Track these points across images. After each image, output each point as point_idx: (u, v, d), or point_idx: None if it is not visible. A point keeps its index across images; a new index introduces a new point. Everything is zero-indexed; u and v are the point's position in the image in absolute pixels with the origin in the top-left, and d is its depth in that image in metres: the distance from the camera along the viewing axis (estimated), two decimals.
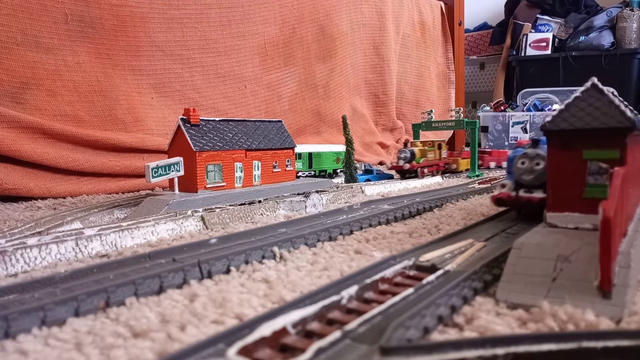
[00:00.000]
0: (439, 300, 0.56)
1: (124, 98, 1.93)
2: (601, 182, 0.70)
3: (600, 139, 0.69)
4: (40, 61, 1.73)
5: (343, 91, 2.92)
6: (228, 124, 1.38)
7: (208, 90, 2.21)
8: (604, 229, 0.55)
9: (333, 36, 2.81)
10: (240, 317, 0.59)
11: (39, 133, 1.68)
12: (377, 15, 3.13)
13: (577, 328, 0.53)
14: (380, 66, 3.19)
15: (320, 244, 0.95)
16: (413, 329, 0.50)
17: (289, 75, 2.59)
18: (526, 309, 0.59)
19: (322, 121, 2.77)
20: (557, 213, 0.74)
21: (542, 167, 0.93)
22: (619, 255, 0.61)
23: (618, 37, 3.57)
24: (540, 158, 0.92)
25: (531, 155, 0.93)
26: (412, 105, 3.47)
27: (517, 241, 0.67)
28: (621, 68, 3.46)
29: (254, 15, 2.38)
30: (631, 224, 0.76)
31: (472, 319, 0.57)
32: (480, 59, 4.46)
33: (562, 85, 3.57)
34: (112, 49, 1.91)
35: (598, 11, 3.79)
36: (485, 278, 0.66)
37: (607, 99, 0.70)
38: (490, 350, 0.43)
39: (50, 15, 1.74)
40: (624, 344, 0.43)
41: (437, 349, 0.43)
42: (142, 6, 1.97)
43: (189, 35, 2.13)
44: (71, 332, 0.57)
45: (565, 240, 0.65)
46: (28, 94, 1.71)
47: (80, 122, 1.82)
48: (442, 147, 2.34)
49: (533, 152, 0.93)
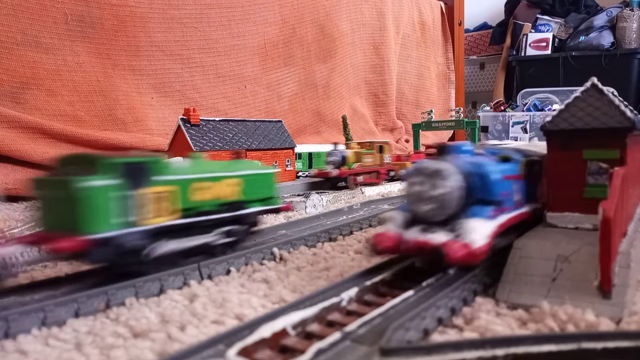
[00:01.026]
0: (439, 302, 0.56)
1: (124, 98, 1.93)
2: (601, 182, 0.70)
3: (600, 139, 0.69)
4: (40, 61, 1.73)
5: (343, 91, 2.92)
6: (228, 124, 1.39)
7: (208, 90, 2.21)
8: (604, 229, 0.55)
9: (333, 36, 2.81)
10: (240, 317, 0.59)
11: (39, 133, 1.69)
12: (377, 15, 3.13)
13: (577, 328, 0.53)
14: (380, 66, 3.18)
15: (320, 244, 0.95)
16: (413, 331, 0.50)
17: (289, 75, 2.58)
18: (526, 309, 0.59)
19: (322, 121, 2.77)
20: (557, 213, 0.74)
21: (446, 191, 0.63)
22: (619, 255, 0.61)
23: (618, 37, 3.56)
24: (440, 177, 0.63)
25: (428, 171, 0.64)
26: (412, 105, 3.47)
27: (518, 241, 0.67)
28: (621, 68, 3.46)
29: (254, 15, 2.38)
30: (631, 224, 0.76)
31: (472, 319, 0.57)
32: (480, 59, 4.46)
33: (562, 85, 3.57)
34: (112, 49, 1.91)
35: (598, 11, 3.78)
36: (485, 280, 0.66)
37: (607, 99, 0.70)
38: (490, 351, 0.43)
39: (50, 15, 1.74)
40: (624, 345, 0.43)
41: (436, 350, 0.43)
42: (142, 6, 1.97)
43: (189, 35, 2.13)
44: (71, 332, 0.57)
45: (565, 240, 0.65)
46: (28, 94, 1.71)
47: (80, 122, 1.82)
48: (384, 150, 1.92)
49: (431, 167, 0.64)
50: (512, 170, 0.73)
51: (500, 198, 0.67)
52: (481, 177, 0.65)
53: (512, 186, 0.72)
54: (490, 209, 0.64)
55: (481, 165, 0.67)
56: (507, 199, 0.69)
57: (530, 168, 0.78)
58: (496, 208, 0.66)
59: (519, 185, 0.75)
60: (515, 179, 0.73)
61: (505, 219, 0.67)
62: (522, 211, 0.74)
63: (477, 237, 0.59)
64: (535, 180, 0.80)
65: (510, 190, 0.70)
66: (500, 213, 0.67)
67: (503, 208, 0.68)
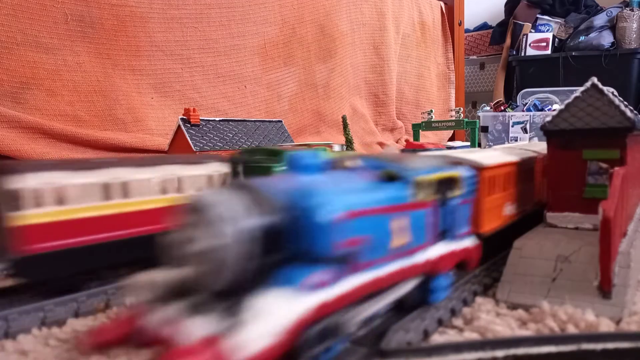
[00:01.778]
0: (438, 304, 0.56)
1: (124, 98, 1.93)
2: (601, 182, 0.70)
3: (600, 139, 0.69)
4: (40, 61, 1.73)
5: (343, 91, 2.92)
6: (228, 124, 1.39)
7: (208, 90, 2.21)
8: (604, 229, 0.55)
9: (333, 36, 2.81)
10: None
11: (39, 133, 1.68)
12: (377, 15, 3.13)
13: (577, 328, 0.53)
14: (380, 66, 3.18)
15: None
16: (413, 332, 0.50)
17: (289, 75, 2.58)
18: (526, 309, 0.59)
19: (322, 121, 2.77)
20: (557, 213, 0.74)
21: (215, 244, 0.38)
22: (619, 255, 0.61)
23: (618, 37, 3.56)
24: (206, 220, 0.38)
25: (199, 206, 0.39)
26: (412, 105, 3.47)
27: (518, 241, 0.67)
28: (621, 68, 3.46)
29: (254, 15, 2.38)
30: (631, 224, 0.76)
31: (472, 320, 0.57)
32: (480, 59, 4.46)
33: (562, 85, 3.57)
34: (112, 49, 1.91)
35: (598, 11, 3.78)
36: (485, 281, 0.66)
37: (607, 99, 0.70)
38: (490, 353, 0.43)
39: (50, 15, 1.74)
40: (624, 346, 0.43)
41: (436, 351, 0.43)
42: (142, 6, 1.97)
43: (189, 35, 2.12)
44: (71, 332, 0.57)
45: (565, 240, 0.65)
46: (28, 94, 1.71)
47: (80, 122, 1.82)
48: None
49: (200, 202, 0.39)
50: (384, 200, 0.47)
51: (340, 251, 0.41)
52: (298, 217, 0.39)
53: (380, 226, 0.46)
54: (317, 270, 0.40)
55: (305, 194, 0.40)
56: (358, 250, 0.43)
57: (446, 188, 0.55)
58: (335, 268, 0.41)
59: (413, 219, 0.50)
60: (393, 213, 0.47)
61: (350, 287, 0.42)
62: (417, 261, 0.50)
63: (253, 335, 0.34)
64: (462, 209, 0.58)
65: (370, 234, 0.45)
66: (342, 276, 0.42)
67: (355, 265, 0.43)
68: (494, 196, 0.72)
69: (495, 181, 0.73)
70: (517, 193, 0.82)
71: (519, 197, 0.83)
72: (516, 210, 0.82)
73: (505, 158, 0.77)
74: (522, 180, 0.83)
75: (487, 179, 0.70)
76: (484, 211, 0.68)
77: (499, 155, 0.79)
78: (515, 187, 0.81)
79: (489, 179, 0.70)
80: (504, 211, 0.78)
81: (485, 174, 0.69)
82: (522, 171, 0.84)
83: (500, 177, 0.74)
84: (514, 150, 0.91)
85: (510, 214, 0.80)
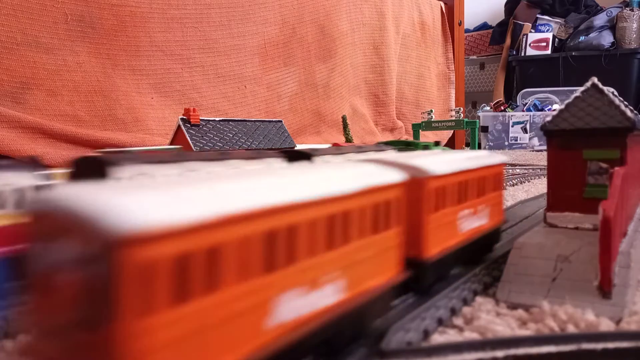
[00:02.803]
0: (438, 303, 0.56)
1: (124, 98, 1.93)
2: (601, 182, 0.70)
3: (600, 139, 0.69)
4: (40, 61, 1.73)
5: (343, 91, 2.92)
6: (228, 124, 1.39)
7: (208, 90, 2.21)
8: (604, 229, 0.55)
9: (333, 36, 2.81)
10: None
11: (39, 133, 1.68)
12: (377, 15, 3.13)
13: (577, 328, 0.53)
14: (380, 66, 3.18)
15: None
16: (413, 332, 0.50)
17: (289, 75, 2.58)
18: (526, 309, 0.59)
19: (322, 121, 2.77)
20: (557, 213, 0.74)
21: None
22: (619, 255, 0.61)
23: (618, 37, 3.56)
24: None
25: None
26: (412, 105, 3.47)
27: (518, 241, 0.67)
28: (621, 68, 3.46)
29: (254, 15, 2.38)
30: (631, 224, 0.76)
31: (472, 319, 0.57)
32: (480, 59, 4.46)
33: (562, 85, 3.57)
34: (112, 49, 1.90)
35: (598, 11, 3.78)
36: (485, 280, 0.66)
37: (607, 99, 0.70)
38: (490, 353, 0.43)
39: (50, 15, 1.74)
40: (624, 346, 0.43)
41: (436, 351, 0.43)
42: (142, 6, 1.97)
43: (189, 35, 2.12)
44: None
45: (565, 240, 0.65)
46: (28, 94, 1.71)
47: (80, 122, 1.82)
48: None
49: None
50: None
51: None
52: None
53: None
54: None
55: None
56: None
57: None
58: None
59: None
60: None
61: None
62: None
63: None
64: None
65: None
66: None
67: None
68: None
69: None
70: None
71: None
72: None
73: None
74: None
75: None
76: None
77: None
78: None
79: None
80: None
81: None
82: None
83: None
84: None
85: None
